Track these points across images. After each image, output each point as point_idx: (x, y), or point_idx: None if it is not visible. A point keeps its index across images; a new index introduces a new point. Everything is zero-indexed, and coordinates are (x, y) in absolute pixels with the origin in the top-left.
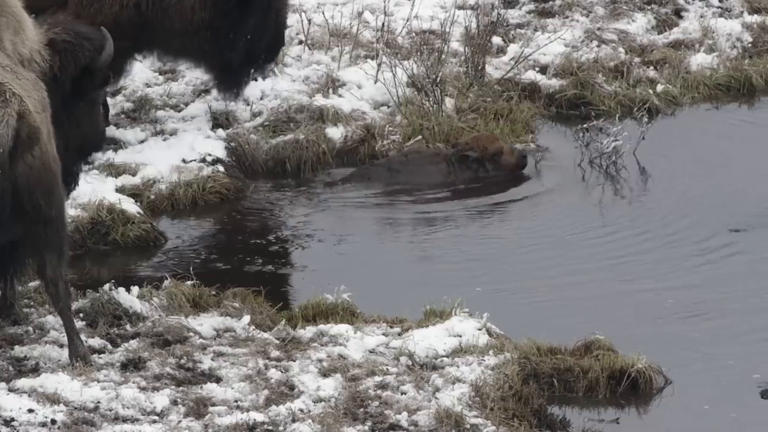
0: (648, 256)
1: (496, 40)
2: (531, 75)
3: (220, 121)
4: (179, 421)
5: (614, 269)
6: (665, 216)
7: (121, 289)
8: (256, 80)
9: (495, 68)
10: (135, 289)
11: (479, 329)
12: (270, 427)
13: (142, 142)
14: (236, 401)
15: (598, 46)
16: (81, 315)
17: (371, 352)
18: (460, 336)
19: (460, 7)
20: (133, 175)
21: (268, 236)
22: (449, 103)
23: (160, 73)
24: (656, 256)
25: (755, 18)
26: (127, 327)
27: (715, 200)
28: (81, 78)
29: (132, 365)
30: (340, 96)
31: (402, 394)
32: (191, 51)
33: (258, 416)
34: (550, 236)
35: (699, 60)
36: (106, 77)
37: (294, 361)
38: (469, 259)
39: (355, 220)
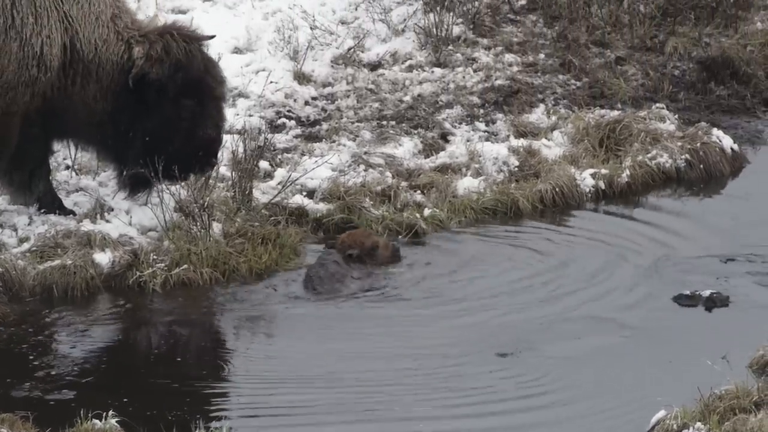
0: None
1: (264, 164)
2: (298, 199)
3: None
4: None
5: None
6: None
7: None
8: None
9: (262, 193)
10: None
11: None
12: None
13: None
14: None
15: (365, 170)
16: None
17: None
18: None
19: (227, 132)
20: None
21: (36, 361)
22: (217, 227)
23: None
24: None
25: (521, 142)
26: None
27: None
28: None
29: None
30: (107, 221)
31: None
32: (96, 143)
33: None
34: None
35: (466, 184)
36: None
37: None
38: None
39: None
